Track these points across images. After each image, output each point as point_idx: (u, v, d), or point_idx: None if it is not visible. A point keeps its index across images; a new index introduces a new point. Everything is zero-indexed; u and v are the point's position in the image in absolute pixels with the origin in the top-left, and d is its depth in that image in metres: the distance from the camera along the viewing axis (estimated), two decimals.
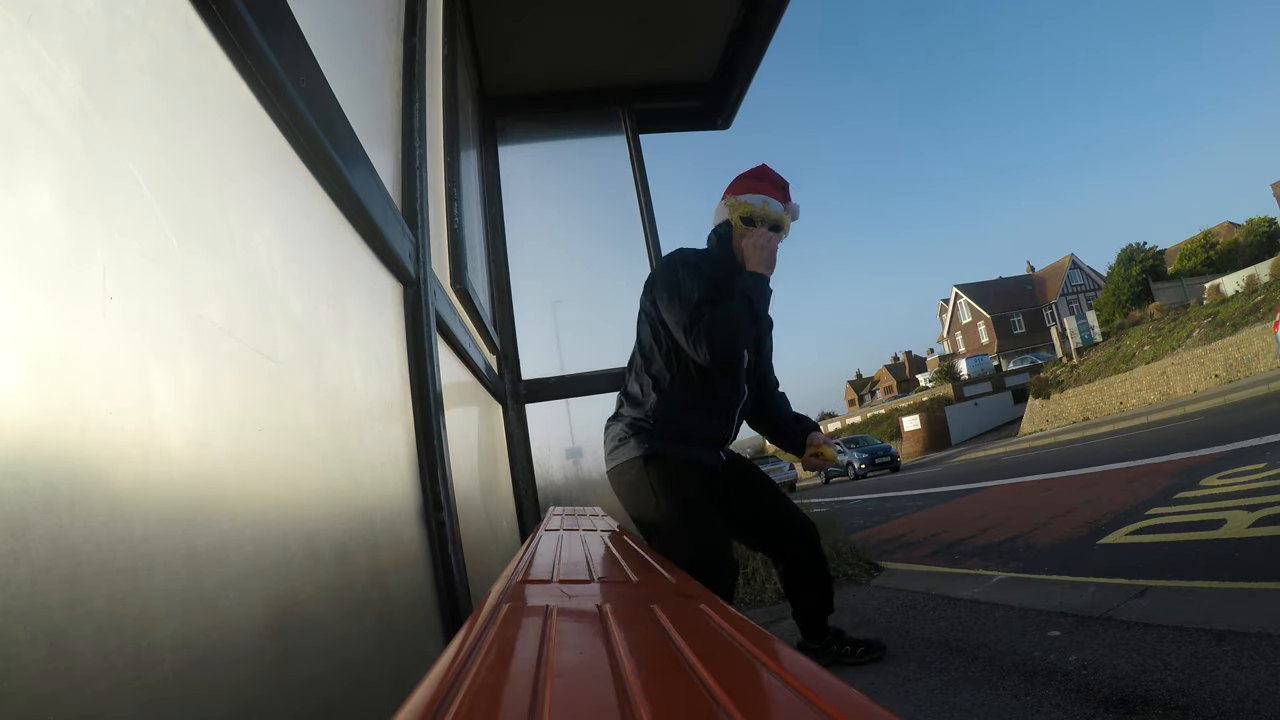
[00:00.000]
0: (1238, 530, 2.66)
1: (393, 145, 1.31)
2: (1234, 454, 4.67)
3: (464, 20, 2.57)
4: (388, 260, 1.14)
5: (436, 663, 0.36)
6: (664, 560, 0.87)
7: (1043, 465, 7.52)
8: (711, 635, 0.46)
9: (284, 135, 0.75)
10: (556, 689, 0.32)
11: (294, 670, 0.61)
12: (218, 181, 0.60)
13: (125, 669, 0.40)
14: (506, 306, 2.97)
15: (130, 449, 0.43)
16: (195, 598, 0.47)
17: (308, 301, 0.78)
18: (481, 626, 0.45)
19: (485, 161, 3.04)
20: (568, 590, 0.60)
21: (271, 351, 0.65)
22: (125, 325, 0.44)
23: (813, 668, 0.35)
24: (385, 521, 0.96)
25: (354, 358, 0.92)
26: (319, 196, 0.86)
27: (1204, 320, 17.37)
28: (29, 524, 0.34)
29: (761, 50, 3.09)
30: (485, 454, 2.09)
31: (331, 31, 0.96)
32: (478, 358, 2.03)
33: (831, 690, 0.31)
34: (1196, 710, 1.33)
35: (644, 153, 3.23)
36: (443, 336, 1.49)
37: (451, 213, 1.86)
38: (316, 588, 0.68)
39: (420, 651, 1.00)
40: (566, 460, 3.03)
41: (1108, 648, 1.75)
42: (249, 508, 0.57)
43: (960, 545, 3.96)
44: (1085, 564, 2.77)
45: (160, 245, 0.49)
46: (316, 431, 0.75)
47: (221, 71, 0.63)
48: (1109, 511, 3.80)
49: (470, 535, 1.43)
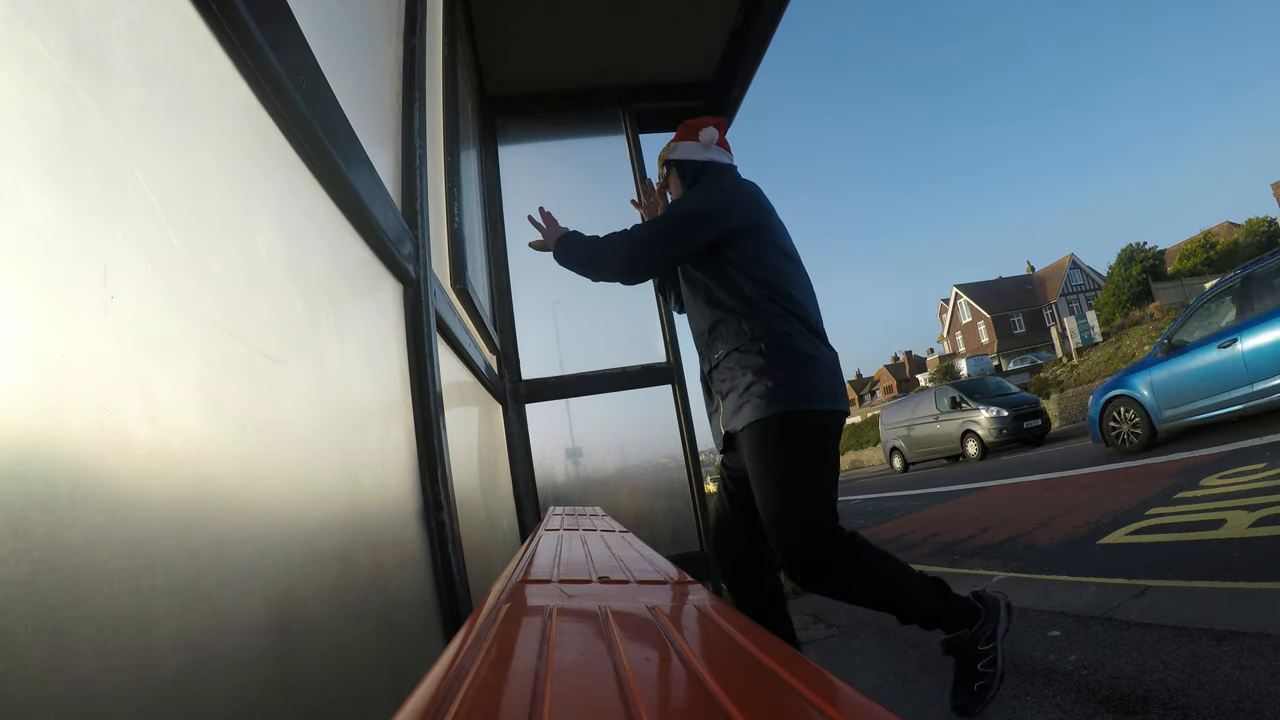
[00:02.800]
0: (1238, 530, 2.66)
1: (393, 145, 1.31)
2: (1234, 454, 4.67)
3: (464, 20, 2.57)
4: (388, 260, 1.14)
5: (436, 663, 0.36)
6: (664, 560, 0.87)
7: (1043, 465, 7.52)
8: (712, 635, 0.46)
9: (284, 135, 0.75)
10: (557, 689, 0.32)
11: (294, 670, 0.61)
12: (218, 181, 0.60)
13: (126, 669, 0.40)
14: (506, 306, 2.97)
15: (131, 449, 0.43)
16: (195, 597, 0.48)
17: (308, 301, 0.78)
18: (481, 626, 0.45)
19: (485, 161, 3.05)
20: (568, 590, 0.60)
21: (271, 351, 0.66)
22: (126, 325, 0.44)
23: (814, 667, 0.35)
24: (385, 521, 0.96)
25: (354, 358, 0.92)
26: (319, 196, 0.86)
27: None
28: (30, 524, 0.34)
29: (761, 50, 3.09)
30: (485, 454, 2.09)
31: (331, 31, 0.96)
32: (478, 358, 2.03)
33: (833, 690, 0.31)
34: (1196, 710, 1.33)
35: (644, 153, 3.24)
36: (443, 336, 1.49)
37: (451, 213, 1.86)
38: (316, 587, 0.68)
39: (420, 651, 1.00)
40: (566, 460, 3.03)
41: (1108, 648, 1.75)
42: (249, 507, 0.57)
43: (960, 545, 3.96)
44: (1085, 564, 2.77)
45: (161, 245, 0.49)
46: (317, 431, 0.75)
47: (222, 71, 0.63)
48: (1109, 511, 3.80)
49: (470, 535, 1.43)
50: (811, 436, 1.47)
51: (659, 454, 3.07)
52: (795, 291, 1.58)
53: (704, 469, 3.14)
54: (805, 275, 1.66)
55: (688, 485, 2.95)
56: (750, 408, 1.49)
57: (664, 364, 3.00)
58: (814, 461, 1.47)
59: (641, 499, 3.05)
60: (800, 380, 1.47)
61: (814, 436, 1.47)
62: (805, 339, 1.53)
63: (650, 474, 3.07)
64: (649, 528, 2.93)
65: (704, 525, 2.89)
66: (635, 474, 3.09)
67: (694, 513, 2.93)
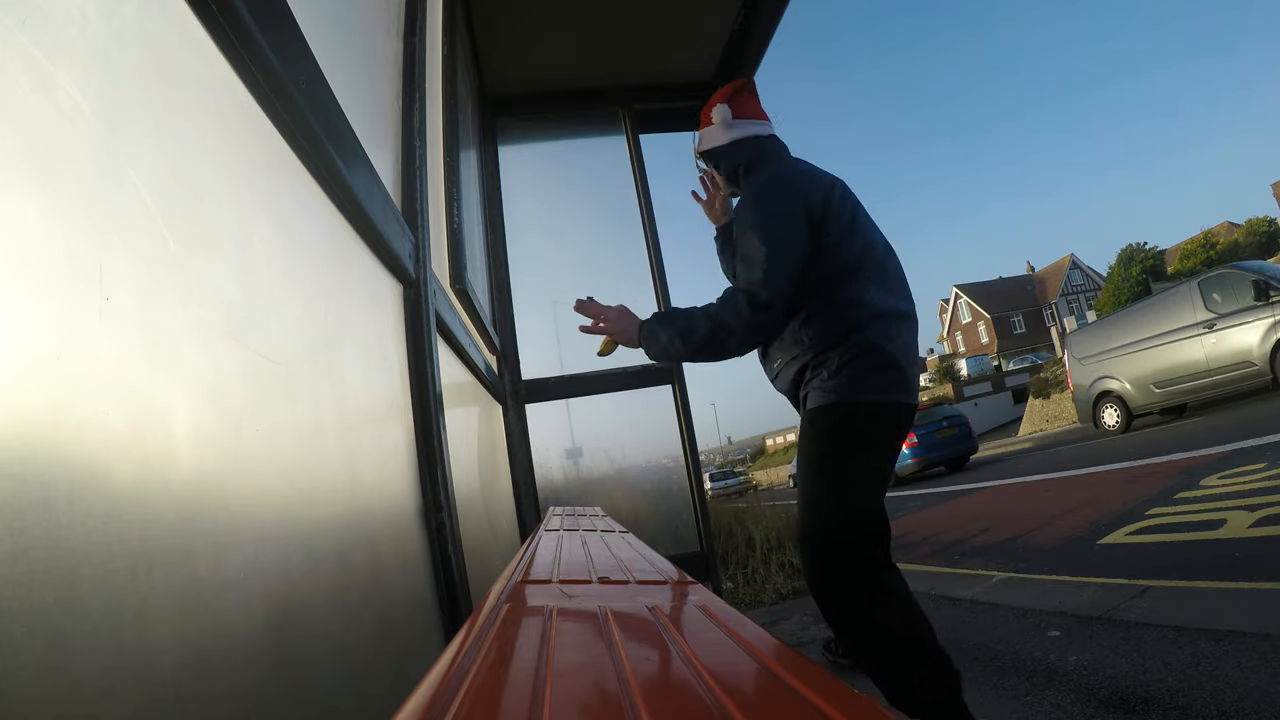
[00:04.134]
0: (1238, 530, 2.66)
1: (393, 145, 1.31)
2: (1234, 454, 4.67)
3: (464, 20, 2.57)
4: (388, 260, 1.14)
5: (436, 663, 0.36)
6: (664, 560, 0.87)
7: (1043, 465, 7.52)
8: (712, 635, 0.46)
9: (283, 135, 0.74)
10: (557, 689, 0.32)
11: (293, 670, 0.61)
12: (216, 182, 0.60)
13: (124, 669, 0.39)
14: (506, 306, 2.97)
15: (129, 449, 0.43)
16: (194, 598, 0.47)
17: (307, 302, 0.78)
18: (481, 627, 0.44)
19: (485, 161, 3.04)
20: (568, 590, 0.60)
21: (271, 352, 0.65)
22: (123, 325, 0.44)
23: (814, 668, 0.35)
24: (385, 521, 0.96)
25: (353, 358, 0.92)
26: (319, 197, 0.86)
27: None
28: (27, 524, 0.34)
29: (761, 50, 3.09)
30: (485, 454, 2.09)
31: (331, 31, 0.96)
32: (478, 358, 2.03)
33: (833, 691, 0.31)
34: (1196, 710, 1.33)
35: (644, 153, 3.23)
36: (443, 336, 1.49)
37: (451, 213, 1.86)
38: (316, 588, 0.68)
39: (420, 651, 1.00)
40: (566, 460, 3.03)
41: (1108, 648, 1.75)
42: (248, 508, 0.57)
43: (960, 545, 3.96)
44: (1085, 564, 2.77)
45: (158, 246, 0.49)
46: (316, 431, 0.75)
47: (219, 72, 0.63)
48: (1109, 511, 3.80)
49: (470, 535, 1.43)
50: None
51: (659, 454, 3.07)
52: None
53: (703, 469, 3.14)
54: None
55: (687, 485, 2.95)
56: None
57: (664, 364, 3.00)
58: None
59: (641, 499, 3.05)
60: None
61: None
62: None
63: (650, 474, 3.07)
64: (649, 528, 2.93)
65: (704, 525, 2.89)
66: (635, 474, 3.08)
67: (694, 513, 2.92)
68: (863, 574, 1.30)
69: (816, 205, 1.43)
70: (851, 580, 1.30)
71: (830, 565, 1.32)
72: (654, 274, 3.06)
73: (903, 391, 1.38)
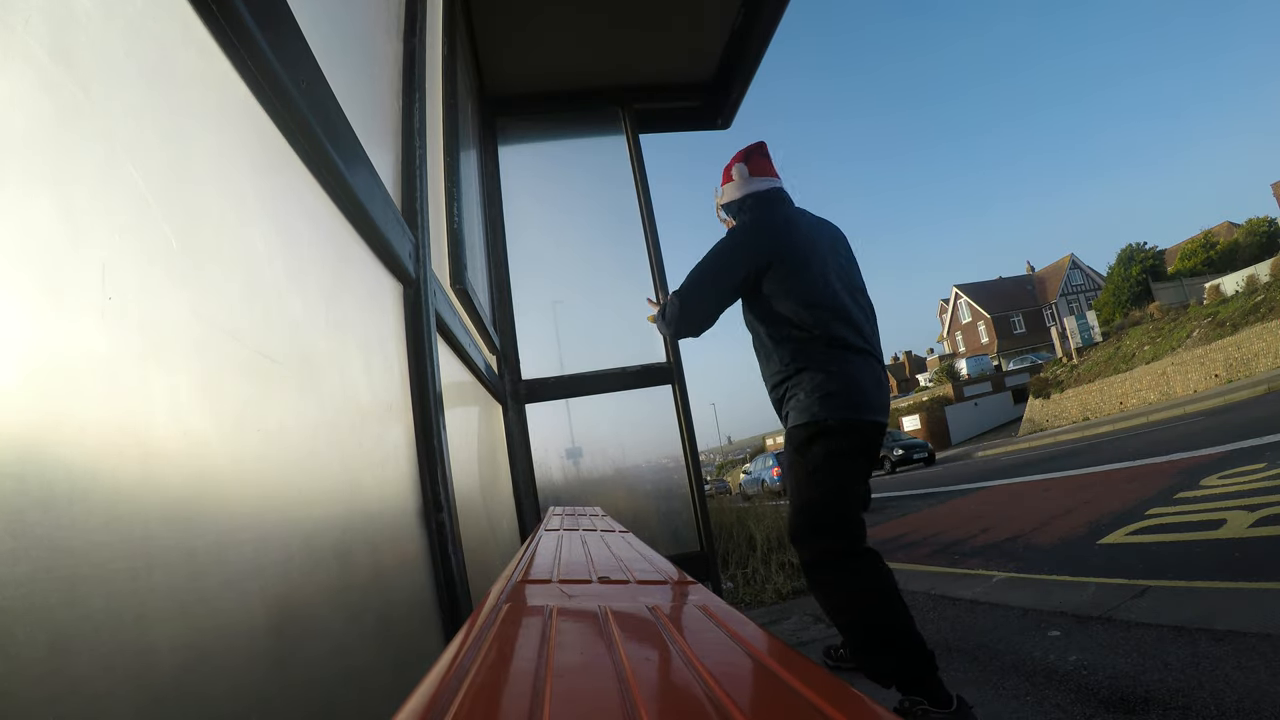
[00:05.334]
0: (1238, 530, 2.66)
1: (393, 145, 1.31)
2: (1234, 454, 4.67)
3: (464, 20, 2.57)
4: (388, 260, 1.14)
5: (436, 663, 0.36)
6: (664, 560, 0.87)
7: (1043, 465, 7.52)
8: (712, 635, 0.46)
9: (284, 135, 0.74)
10: (557, 689, 0.32)
11: (293, 670, 0.61)
12: (217, 181, 0.60)
13: (124, 669, 0.39)
14: (506, 306, 2.97)
15: (129, 449, 0.43)
16: (194, 598, 0.47)
17: (308, 301, 0.78)
18: (481, 626, 0.44)
19: (485, 161, 3.04)
20: (568, 590, 0.60)
21: (271, 351, 0.65)
22: (124, 325, 0.44)
23: (814, 668, 0.35)
24: (385, 522, 0.96)
25: (354, 358, 0.92)
26: (319, 197, 0.86)
27: (1204, 320, 17.37)
28: (28, 524, 0.34)
29: (761, 50, 3.09)
30: (485, 454, 2.09)
31: (331, 31, 0.96)
32: (478, 358, 2.03)
33: (833, 691, 0.31)
34: (1196, 710, 1.33)
35: (644, 153, 3.23)
36: (443, 336, 1.49)
37: (451, 213, 1.86)
38: (316, 588, 0.68)
39: (420, 651, 1.00)
40: (566, 460, 3.03)
41: (1108, 648, 1.75)
42: (248, 508, 0.57)
43: (960, 545, 3.96)
44: (1085, 564, 2.77)
45: (159, 245, 0.49)
46: (316, 431, 0.75)
47: (221, 71, 0.63)
48: (1109, 511, 3.80)
49: (470, 535, 1.43)
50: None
51: (659, 454, 3.07)
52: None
53: (704, 469, 3.14)
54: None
55: (687, 486, 2.95)
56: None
57: (664, 364, 2.99)
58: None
59: (641, 499, 3.05)
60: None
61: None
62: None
63: (650, 474, 3.07)
64: (649, 528, 2.93)
65: (704, 525, 2.89)
66: (635, 474, 3.09)
67: (694, 513, 2.92)
68: (843, 567, 1.60)
69: (765, 253, 1.74)
70: (830, 573, 1.61)
71: (812, 559, 1.63)
72: (654, 274, 3.06)
73: (868, 411, 1.66)
